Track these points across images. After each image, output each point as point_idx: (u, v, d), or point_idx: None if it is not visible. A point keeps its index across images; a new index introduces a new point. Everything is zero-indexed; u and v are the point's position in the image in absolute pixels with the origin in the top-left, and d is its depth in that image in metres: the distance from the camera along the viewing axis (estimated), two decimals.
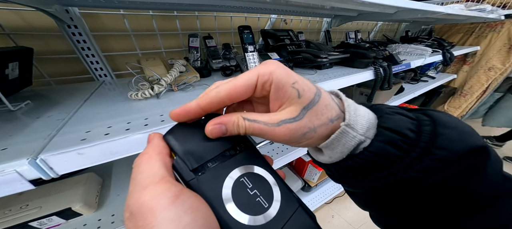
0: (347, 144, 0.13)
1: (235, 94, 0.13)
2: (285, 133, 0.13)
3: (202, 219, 0.10)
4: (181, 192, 0.11)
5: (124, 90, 0.39)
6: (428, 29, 1.46)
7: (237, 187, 0.12)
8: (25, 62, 0.36)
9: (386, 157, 0.12)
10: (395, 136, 0.12)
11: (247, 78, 0.13)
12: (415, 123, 0.13)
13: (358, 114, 0.13)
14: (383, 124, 0.13)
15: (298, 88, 0.12)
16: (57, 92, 0.41)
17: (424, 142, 0.12)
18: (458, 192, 0.12)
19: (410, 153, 0.12)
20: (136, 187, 0.11)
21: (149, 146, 0.13)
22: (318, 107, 0.13)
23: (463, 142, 0.12)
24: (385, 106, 0.14)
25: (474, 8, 0.88)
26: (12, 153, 0.20)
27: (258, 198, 0.13)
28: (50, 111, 0.31)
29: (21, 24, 0.43)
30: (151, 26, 0.56)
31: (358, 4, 0.55)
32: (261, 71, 0.13)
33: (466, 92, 1.34)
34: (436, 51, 0.90)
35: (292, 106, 0.13)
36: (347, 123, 0.13)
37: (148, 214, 0.09)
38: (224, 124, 0.13)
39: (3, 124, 0.27)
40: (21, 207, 0.36)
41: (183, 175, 0.12)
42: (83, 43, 0.45)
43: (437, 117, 0.13)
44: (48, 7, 0.36)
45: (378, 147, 0.12)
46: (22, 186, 0.20)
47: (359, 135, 0.13)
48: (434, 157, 0.11)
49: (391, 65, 0.63)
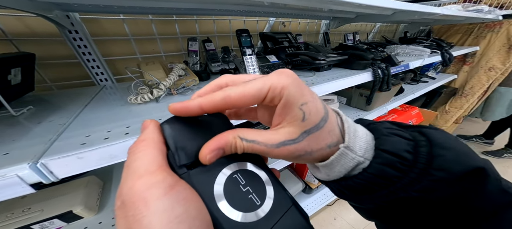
0: (346, 165, 0.13)
1: (243, 102, 0.12)
2: (283, 153, 0.13)
3: (194, 210, 0.10)
4: (177, 183, 0.10)
5: (124, 95, 0.40)
6: (426, 30, 1.47)
7: (229, 183, 0.12)
8: (27, 67, 0.36)
9: (385, 178, 0.12)
10: (393, 158, 0.12)
11: (258, 88, 0.12)
12: (412, 144, 0.13)
13: (357, 135, 0.13)
14: (380, 146, 0.13)
15: (305, 110, 0.12)
16: (58, 97, 0.41)
17: (422, 163, 0.12)
18: (459, 208, 0.12)
19: (409, 173, 0.12)
20: (131, 175, 0.10)
21: (145, 132, 0.12)
22: (320, 133, 0.13)
23: (460, 164, 0.12)
24: (382, 126, 0.15)
25: (471, 8, 0.88)
26: (14, 157, 0.21)
27: (251, 195, 0.12)
28: (51, 116, 0.31)
29: (24, 30, 0.44)
30: (150, 30, 0.57)
31: (355, 7, 0.56)
32: (274, 83, 0.12)
33: (467, 92, 1.33)
34: (435, 52, 0.90)
35: (292, 127, 0.12)
36: (347, 145, 0.13)
37: (141, 203, 0.09)
38: (222, 148, 0.12)
39: (6, 129, 0.27)
40: (23, 210, 0.37)
41: (175, 168, 0.12)
42: (84, 48, 0.46)
43: (433, 137, 0.13)
44: (49, 13, 0.36)
45: (377, 169, 0.13)
46: (23, 190, 0.20)
47: (358, 156, 0.13)
48: (432, 178, 0.12)
49: (390, 66, 0.63)
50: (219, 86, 0.15)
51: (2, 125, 0.28)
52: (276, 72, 0.13)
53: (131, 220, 0.09)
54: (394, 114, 1.04)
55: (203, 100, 0.12)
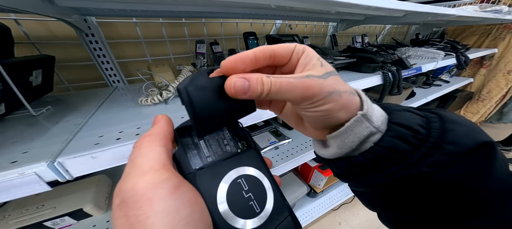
0: (359, 134, 0.13)
1: (281, 53, 0.13)
2: (314, 84, 0.12)
3: (198, 213, 0.10)
4: (181, 184, 0.10)
5: (135, 96, 0.41)
6: (440, 32, 1.41)
7: (233, 187, 0.12)
8: (47, 69, 0.39)
9: (397, 151, 0.12)
10: (406, 131, 0.12)
11: (287, 45, 0.13)
12: (424, 120, 0.13)
13: (373, 107, 0.14)
14: (393, 120, 0.13)
15: (322, 61, 0.13)
16: (74, 97, 0.43)
17: (435, 137, 0.12)
18: (468, 188, 0.12)
19: (421, 147, 0.12)
20: (134, 171, 0.10)
21: (154, 127, 0.12)
22: (338, 78, 0.13)
23: (471, 138, 0.12)
24: (393, 105, 0.15)
25: (489, 9, 0.84)
26: (33, 156, 0.22)
27: (252, 202, 0.13)
28: (68, 116, 0.33)
29: (45, 34, 0.46)
30: (160, 33, 0.59)
31: (364, 9, 0.55)
32: (298, 46, 0.13)
33: (484, 96, 1.26)
34: (449, 54, 0.86)
35: (315, 69, 0.13)
36: (364, 113, 0.13)
37: (144, 203, 0.09)
38: (247, 79, 0.12)
39: (26, 128, 0.29)
40: (37, 207, 0.39)
41: (182, 167, 0.12)
42: (99, 51, 0.48)
43: (444, 115, 0.13)
44: (69, 17, 0.39)
45: (389, 142, 0.12)
46: (40, 187, 0.21)
47: (372, 126, 0.13)
48: (444, 151, 0.12)
49: (401, 69, 0.61)
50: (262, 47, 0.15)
51: (22, 124, 0.30)
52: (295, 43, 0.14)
53: (132, 220, 0.08)
54: None
55: (255, 50, 0.13)
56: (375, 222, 0.94)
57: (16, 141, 0.25)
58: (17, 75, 0.30)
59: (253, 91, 0.12)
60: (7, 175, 0.20)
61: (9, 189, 0.20)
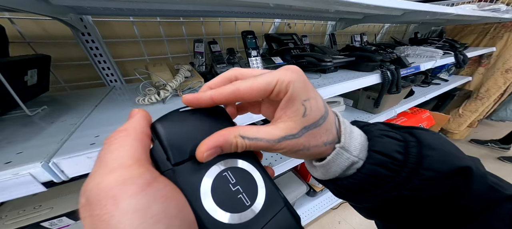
0: (341, 164, 0.14)
1: (251, 95, 0.13)
2: (283, 148, 0.13)
3: (174, 209, 0.09)
4: (156, 179, 0.09)
5: (133, 95, 0.41)
6: (438, 30, 1.41)
7: (218, 181, 0.12)
8: (43, 69, 0.38)
9: (378, 177, 0.13)
10: (385, 158, 0.13)
11: (266, 82, 0.12)
12: (402, 145, 0.14)
13: (353, 136, 0.14)
14: (373, 147, 0.14)
15: (307, 106, 0.13)
16: (71, 97, 0.43)
17: (412, 163, 0.13)
18: (449, 207, 0.13)
19: (400, 173, 0.13)
20: (101, 168, 0.09)
21: (128, 122, 0.11)
22: (318, 130, 0.13)
23: (447, 163, 0.13)
24: (375, 128, 0.15)
25: (488, 8, 0.84)
26: (27, 156, 0.22)
27: (241, 194, 0.12)
28: (64, 116, 0.32)
29: (41, 33, 0.46)
30: (158, 32, 0.58)
31: (363, 7, 0.55)
32: (280, 78, 0.12)
33: (482, 95, 1.27)
34: (448, 53, 0.86)
35: (293, 123, 0.13)
36: (342, 146, 0.14)
37: (109, 201, 0.08)
38: (219, 147, 0.12)
39: (21, 128, 0.28)
40: (34, 207, 0.38)
41: (159, 163, 0.11)
42: (95, 50, 0.48)
43: (422, 139, 0.14)
44: (64, 16, 0.38)
45: (370, 169, 0.13)
46: (35, 188, 0.21)
47: (353, 156, 0.14)
48: (421, 177, 0.13)
49: (399, 68, 0.61)
50: (228, 79, 0.15)
51: (17, 124, 0.29)
52: (283, 67, 0.13)
53: (96, 220, 0.08)
54: (403, 117, 1.01)
55: (214, 92, 0.13)
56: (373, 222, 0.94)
57: (10, 141, 0.25)
58: (12, 74, 0.30)
59: (229, 151, 0.12)
60: (1, 176, 0.19)
61: (3, 190, 0.20)
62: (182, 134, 0.12)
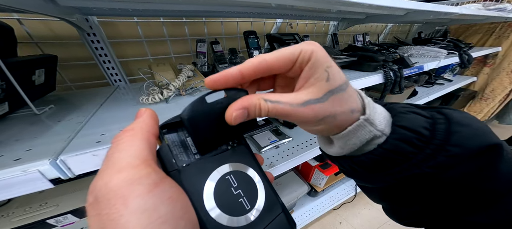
0: (362, 137, 0.13)
1: (277, 65, 0.13)
2: (308, 113, 0.12)
3: (180, 211, 0.09)
4: (162, 180, 0.09)
5: (136, 95, 0.42)
6: (443, 30, 1.40)
7: (221, 184, 0.12)
8: (50, 68, 0.39)
9: (399, 153, 0.12)
10: (410, 134, 0.12)
11: (291, 52, 0.12)
12: (430, 121, 0.13)
13: (376, 110, 0.14)
14: (398, 122, 0.13)
15: (330, 72, 0.12)
16: (77, 96, 0.44)
17: (439, 139, 0.12)
18: (471, 188, 0.12)
19: (424, 149, 0.12)
20: (110, 167, 0.09)
21: (136, 122, 0.11)
22: (342, 95, 0.13)
23: (477, 140, 0.12)
24: (399, 105, 0.15)
25: (493, 7, 0.83)
26: (36, 153, 0.22)
27: (241, 198, 0.12)
28: (70, 115, 0.33)
29: (48, 33, 0.47)
30: (161, 32, 0.59)
31: (365, 7, 0.55)
32: (304, 48, 0.12)
33: (487, 95, 1.25)
34: (452, 53, 0.85)
35: (316, 88, 0.12)
36: (367, 118, 0.13)
37: (118, 201, 0.08)
38: (246, 108, 0.12)
39: (29, 126, 0.29)
40: (40, 204, 0.39)
41: (165, 164, 0.11)
42: (101, 50, 0.48)
43: (451, 115, 0.13)
44: (70, 16, 0.39)
45: (392, 144, 0.13)
46: (43, 185, 0.22)
47: (376, 130, 0.13)
48: (447, 153, 0.12)
49: (402, 68, 0.60)
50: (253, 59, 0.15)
51: (25, 123, 0.30)
52: (304, 42, 0.13)
53: (104, 219, 0.08)
54: None
55: (242, 66, 0.13)
56: (375, 221, 0.94)
57: (19, 139, 0.25)
58: (20, 74, 0.31)
59: (252, 116, 0.12)
60: (11, 172, 0.20)
61: (13, 186, 0.21)
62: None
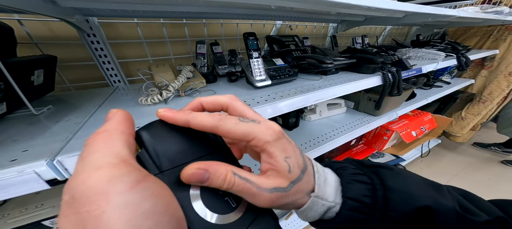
0: (318, 210, 0.15)
1: (229, 137, 0.13)
2: (273, 200, 0.13)
3: (163, 206, 0.09)
4: (144, 178, 0.09)
5: (135, 96, 0.41)
6: (441, 33, 1.41)
7: None
8: (49, 69, 0.39)
9: (355, 221, 0.15)
10: (356, 204, 0.15)
11: (244, 134, 0.13)
12: (370, 188, 0.16)
13: (327, 183, 0.16)
14: (346, 194, 0.16)
15: (290, 163, 0.13)
16: (75, 97, 0.44)
17: (380, 206, 0.15)
18: None
19: (373, 215, 0.15)
20: (86, 166, 0.09)
21: (107, 123, 0.11)
22: (301, 183, 0.14)
23: (407, 205, 0.15)
24: (347, 171, 0.17)
25: (491, 10, 0.84)
26: (32, 154, 0.22)
27: (227, 197, 0.13)
28: (69, 115, 0.33)
29: (48, 34, 0.47)
30: (161, 33, 0.59)
31: (364, 10, 0.55)
32: (258, 136, 0.13)
33: (485, 98, 1.26)
34: (450, 55, 0.86)
35: (280, 178, 0.13)
36: (316, 195, 0.15)
37: (99, 197, 0.08)
38: (208, 171, 0.12)
39: (26, 127, 0.29)
40: (36, 206, 0.38)
41: (147, 168, 0.11)
42: (100, 51, 0.48)
43: (386, 180, 0.16)
44: (71, 17, 0.39)
45: (346, 215, 0.15)
46: (39, 186, 0.21)
47: (328, 202, 0.15)
48: (392, 218, 0.14)
49: (400, 70, 0.61)
50: (220, 106, 0.16)
51: (23, 123, 0.30)
52: (265, 124, 0.13)
53: (85, 216, 0.08)
54: (405, 119, 1.00)
55: (192, 119, 0.13)
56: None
57: (16, 139, 0.25)
58: (19, 74, 0.30)
59: (213, 183, 0.12)
60: (7, 173, 0.20)
61: (8, 187, 0.20)
62: (171, 143, 0.13)
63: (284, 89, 0.45)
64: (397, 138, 1.04)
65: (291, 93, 0.42)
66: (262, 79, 0.46)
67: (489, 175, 1.18)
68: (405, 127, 0.95)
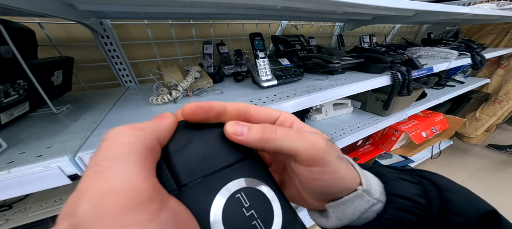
0: (360, 207, 0.13)
1: (259, 116, 0.13)
2: (324, 142, 0.12)
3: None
4: (166, 203, 0.08)
5: (146, 96, 0.43)
6: (454, 30, 1.35)
7: (230, 204, 0.10)
8: (67, 70, 0.41)
9: (404, 224, 0.12)
10: (408, 203, 0.12)
11: (272, 111, 0.13)
12: (420, 188, 0.13)
13: (369, 177, 0.13)
14: (392, 191, 0.13)
15: (325, 136, 0.13)
16: (90, 97, 0.46)
17: (437, 207, 0.12)
18: None
19: (427, 218, 0.12)
20: (99, 182, 0.07)
21: (152, 121, 0.10)
22: (343, 158, 0.13)
23: (474, 207, 0.12)
24: (386, 171, 0.15)
25: (507, 7, 0.79)
26: (56, 151, 0.24)
27: (255, 221, 0.10)
28: (85, 114, 0.35)
29: (65, 36, 0.49)
30: (170, 34, 0.60)
31: (372, 9, 0.54)
32: (283, 113, 0.13)
33: (501, 98, 1.20)
34: (464, 54, 0.83)
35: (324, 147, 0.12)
36: (365, 189, 0.12)
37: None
38: (246, 125, 0.11)
39: (49, 125, 0.31)
40: (55, 200, 0.41)
41: (164, 182, 0.10)
42: (113, 52, 0.50)
43: (437, 182, 0.13)
44: (87, 20, 0.41)
45: (394, 215, 0.12)
46: (62, 180, 0.23)
47: (373, 198, 0.13)
48: (452, 223, 0.12)
49: (411, 69, 0.59)
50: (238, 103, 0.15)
51: (45, 121, 0.32)
52: (284, 112, 0.14)
53: None
54: (414, 120, 0.97)
55: (229, 103, 0.13)
56: None
57: (40, 136, 0.27)
58: (41, 75, 0.32)
59: (251, 133, 0.11)
60: (34, 168, 0.22)
61: (35, 181, 0.22)
62: (191, 150, 0.11)
63: (290, 89, 0.45)
64: (406, 138, 1.01)
65: (297, 93, 0.42)
66: (268, 79, 0.46)
67: (505, 178, 1.13)
68: (415, 127, 0.92)
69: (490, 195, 0.16)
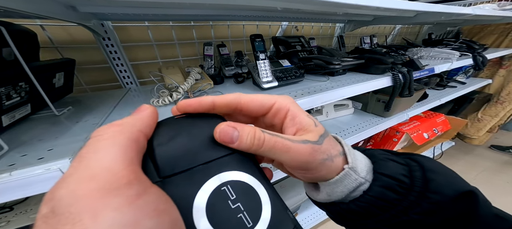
0: (349, 185, 0.14)
1: (250, 106, 0.14)
2: (309, 152, 0.12)
3: (168, 224, 0.07)
4: (146, 190, 0.08)
5: (147, 97, 0.43)
6: (455, 31, 1.35)
7: (215, 197, 0.10)
8: (68, 72, 0.41)
9: (386, 200, 0.13)
10: (391, 181, 0.13)
11: (265, 99, 0.14)
12: (406, 169, 0.14)
13: (357, 158, 0.14)
14: (379, 170, 0.14)
15: (315, 121, 0.14)
16: (92, 98, 0.46)
17: (418, 186, 0.13)
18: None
19: (408, 196, 0.13)
20: (80, 171, 0.07)
21: (130, 116, 0.10)
22: (330, 139, 0.14)
23: (451, 187, 0.13)
24: (377, 152, 0.16)
25: (509, 7, 0.79)
26: (57, 153, 0.24)
27: (241, 214, 0.10)
28: (87, 116, 0.35)
29: (66, 38, 0.50)
30: (170, 36, 0.61)
31: (373, 10, 0.54)
32: (278, 100, 0.14)
33: (503, 99, 1.19)
34: (465, 55, 0.82)
35: (310, 133, 0.13)
36: (351, 167, 0.14)
37: (85, 214, 0.06)
38: (237, 130, 0.11)
39: (50, 127, 0.31)
40: None
41: (147, 173, 0.09)
42: (114, 54, 0.51)
43: (424, 163, 0.14)
44: (88, 22, 0.41)
45: (378, 192, 0.13)
46: None
47: (360, 177, 0.14)
48: (430, 200, 0.13)
49: (412, 70, 0.59)
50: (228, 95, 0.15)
51: (46, 123, 0.32)
52: (277, 95, 0.15)
53: None
54: (416, 121, 0.97)
55: (217, 97, 0.13)
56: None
57: (41, 139, 0.27)
58: (43, 77, 0.33)
59: (242, 144, 0.11)
60: (36, 171, 0.22)
61: (37, 183, 0.22)
62: (176, 143, 0.11)
63: (290, 90, 0.45)
64: (407, 140, 1.00)
65: (298, 94, 0.42)
66: (269, 80, 0.46)
67: (508, 179, 1.12)
68: (416, 128, 0.92)
69: (494, 197, 0.16)
